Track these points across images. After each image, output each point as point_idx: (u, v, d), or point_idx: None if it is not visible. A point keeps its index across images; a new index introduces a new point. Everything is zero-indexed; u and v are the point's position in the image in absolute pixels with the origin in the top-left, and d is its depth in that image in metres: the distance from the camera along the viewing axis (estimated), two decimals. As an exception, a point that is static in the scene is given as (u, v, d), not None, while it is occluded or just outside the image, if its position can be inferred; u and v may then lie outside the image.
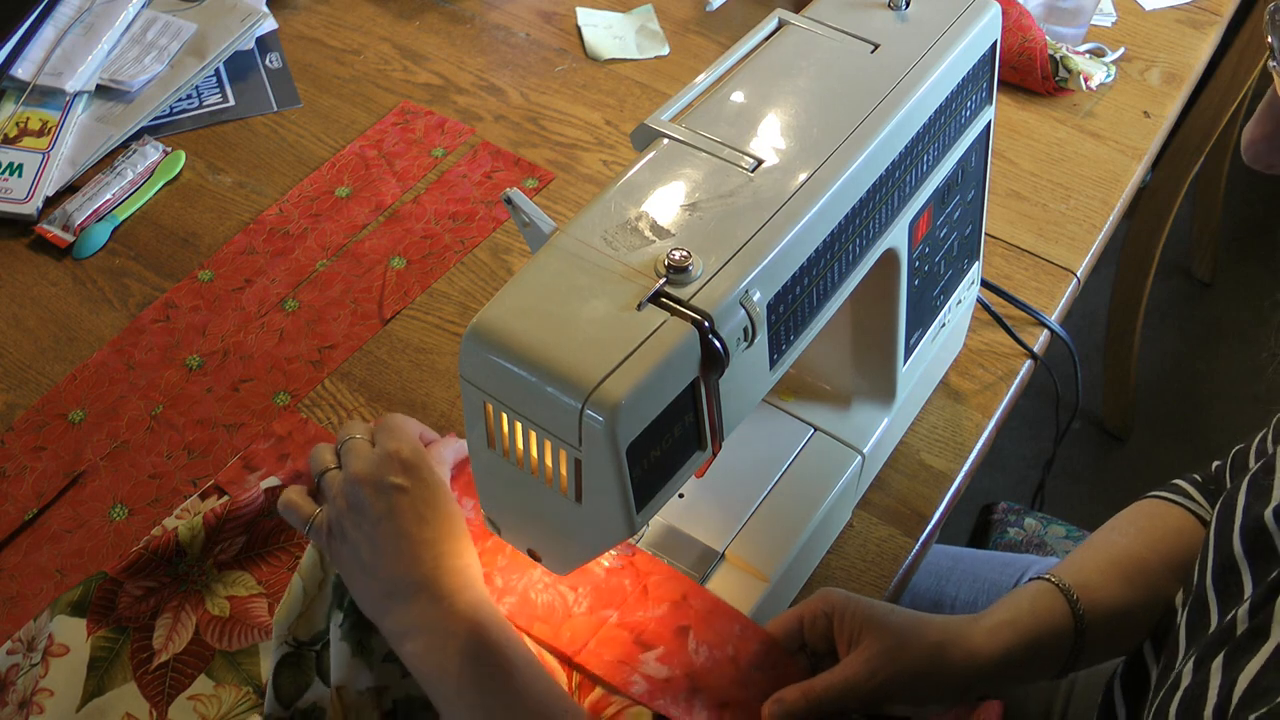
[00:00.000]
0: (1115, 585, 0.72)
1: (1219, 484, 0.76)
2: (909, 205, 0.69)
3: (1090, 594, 0.71)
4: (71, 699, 0.73)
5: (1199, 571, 0.63)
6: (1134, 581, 0.72)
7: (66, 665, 0.74)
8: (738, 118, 0.62)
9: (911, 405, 0.87)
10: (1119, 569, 0.73)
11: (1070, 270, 0.99)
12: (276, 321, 0.96)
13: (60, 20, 1.17)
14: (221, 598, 0.78)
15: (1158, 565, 0.73)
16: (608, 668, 0.68)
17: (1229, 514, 0.63)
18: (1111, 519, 0.79)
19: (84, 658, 0.75)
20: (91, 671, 0.74)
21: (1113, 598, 0.71)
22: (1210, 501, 0.76)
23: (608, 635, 0.69)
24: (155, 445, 0.88)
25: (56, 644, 0.75)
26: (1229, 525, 0.62)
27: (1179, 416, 1.96)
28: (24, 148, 1.09)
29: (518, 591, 0.71)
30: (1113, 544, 0.76)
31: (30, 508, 0.85)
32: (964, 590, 1.01)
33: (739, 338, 0.55)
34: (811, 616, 0.69)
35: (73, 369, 0.93)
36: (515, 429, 0.55)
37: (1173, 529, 0.75)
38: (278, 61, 1.20)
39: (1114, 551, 0.75)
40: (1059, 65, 1.11)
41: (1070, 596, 0.70)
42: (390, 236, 1.03)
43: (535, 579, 0.71)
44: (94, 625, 0.76)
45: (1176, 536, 0.74)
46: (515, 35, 1.23)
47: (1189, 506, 0.76)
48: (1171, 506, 0.77)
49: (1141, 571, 0.73)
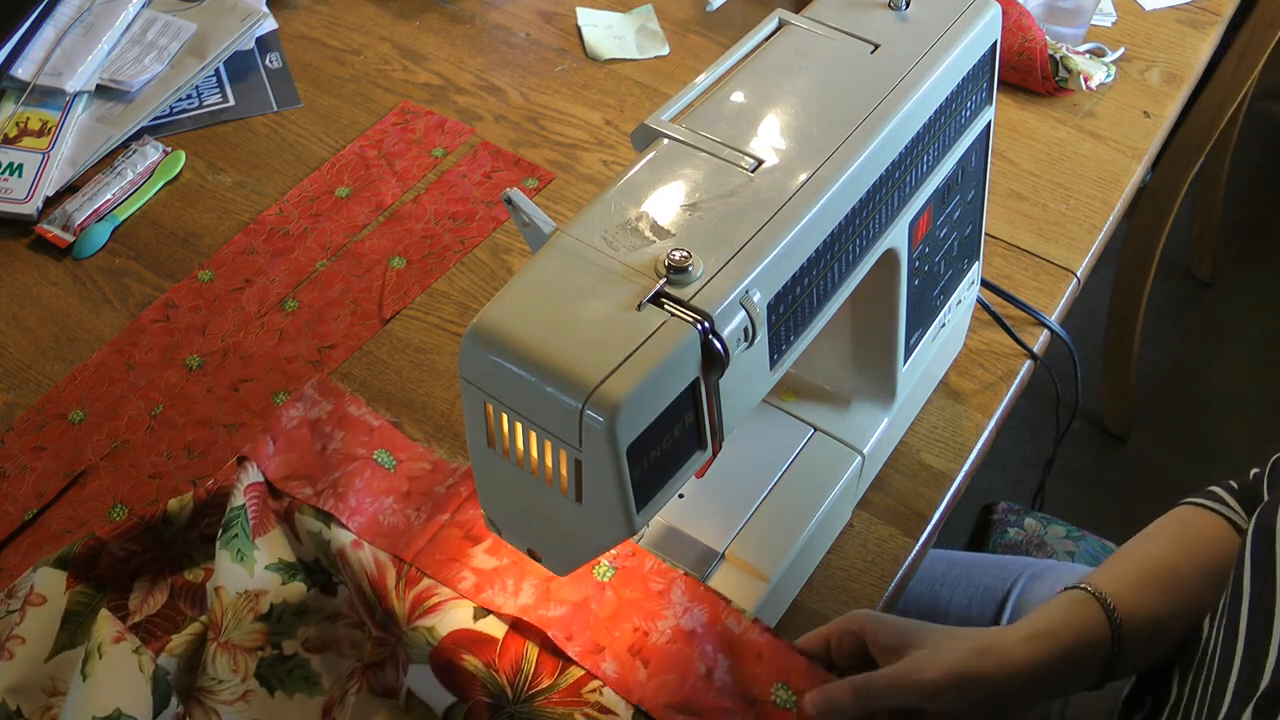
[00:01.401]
0: (1151, 594, 0.71)
1: (1256, 491, 0.75)
2: (909, 205, 0.69)
3: (1126, 602, 0.70)
4: (42, 648, 0.74)
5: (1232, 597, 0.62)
6: (1170, 590, 0.71)
7: (42, 615, 0.75)
8: (738, 118, 0.62)
9: (911, 405, 0.87)
10: (1154, 577, 0.72)
11: (1070, 270, 0.99)
12: (276, 321, 0.96)
13: (60, 20, 1.17)
14: (199, 567, 0.79)
15: (1192, 574, 0.72)
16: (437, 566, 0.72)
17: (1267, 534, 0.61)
18: (1146, 527, 0.77)
19: (59, 609, 0.76)
20: (65, 624, 0.75)
21: (1148, 606, 0.70)
22: (1247, 509, 0.75)
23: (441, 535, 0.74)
24: (155, 445, 0.88)
25: (35, 594, 0.76)
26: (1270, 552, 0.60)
27: (1179, 416, 1.96)
28: (24, 148, 1.09)
29: (367, 513, 0.76)
30: (1147, 553, 0.74)
31: (30, 508, 0.84)
32: (958, 595, 1.01)
33: (739, 338, 0.55)
34: (839, 636, 0.69)
35: (73, 369, 0.93)
36: (515, 429, 0.55)
37: (1209, 537, 0.74)
38: (278, 61, 1.20)
39: (1148, 560, 0.73)
40: (1059, 65, 1.11)
41: (1106, 605, 0.69)
42: (390, 236, 1.03)
43: (387, 506, 0.77)
44: (74, 579, 0.77)
45: (1213, 544, 0.73)
46: (515, 35, 1.23)
47: (1225, 514, 0.75)
48: (1207, 513, 0.75)
49: (1177, 580, 0.72)
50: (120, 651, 0.70)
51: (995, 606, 0.99)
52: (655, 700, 0.68)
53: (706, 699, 0.68)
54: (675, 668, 0.69)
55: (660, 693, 0.68)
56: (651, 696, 0.68)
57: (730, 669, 0.69)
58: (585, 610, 0.72)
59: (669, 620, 0.71)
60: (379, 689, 0.71)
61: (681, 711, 0.68)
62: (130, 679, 0.69)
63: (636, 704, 0.68)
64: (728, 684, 0.69)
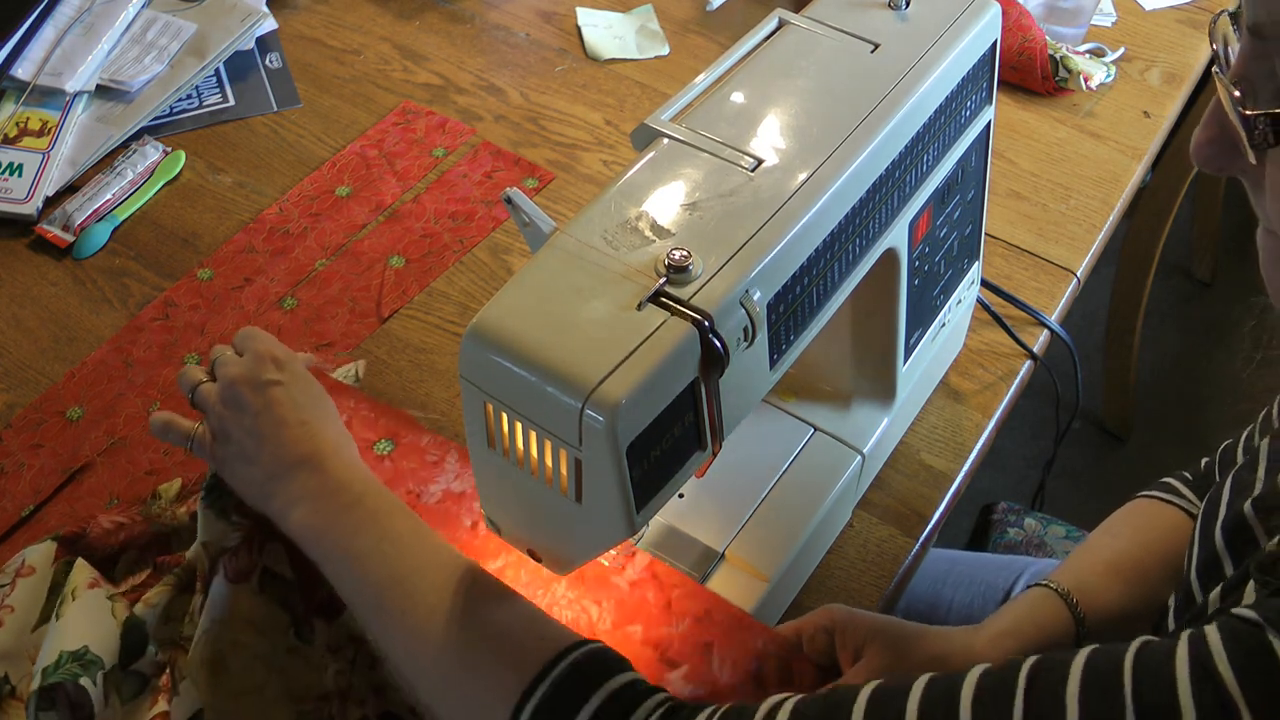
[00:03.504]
0: (1113, 587, 0.72)
1: (1209, 480, 0.77)
2: (909, 205, 0.69)
3: (1089, 597, 0.71)
4: (30, 617, 0.75)
5: (1186, 566, 0.64)
6: (1131, 582, 0.73)
7: (30, 585, 0.76)
8: (738, 118, 0.62)
9: (911, 405, 0.87)
10: (1116, 571, 0.73)
11: (1070, 270, 0.99)
12: (274, 319, 0.96)
13: (60, 20, 1.17)
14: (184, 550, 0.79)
15: (1154, 565, 0.73)
16: None
17: (1213, 509, 0.63)
18: (1105, 521, 0.79)
19: (46, 580, 0.76)
20: (51, 594, 0.76)
21: (1111, 600, 0.72)
22: (1201, 498, 0.76)
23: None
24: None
25: (26, 565, 0.77)
26: (1212, 520, 0.62)
27: (1179, 416, 1.96)
28: (24, 148, 1.09)
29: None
30: (1108, 546, 0.76)
31: (27, 504, 0.85)
32: (960, 593, 1.01)
33: (739, 337, 0.55)
34: (811, 631, 0.69)
35: (72, 368, 0.93)
36: (515, 429, 0.55)
37: (1167, 528, 0.75)
38: (278, 61, 1.20)
39: (1110, 554, 0.75)
40: (1059, 65, 1.11)
41: (1069, 601, 0.71)
42: (390, 236, 1.03)
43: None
44: (62, 551, 0.77)
45: (1171, 535, 0.75)
46: (515, 35, 1.23)
47: (1180, 505, 0.76)
48: (1164, 506, 0.77)
49: (1138, 572, 0.73)
50: (93, 596, 0.72)
51: (997, 604, 0.99)
52: None
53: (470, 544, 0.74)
54: (445, 522, 0.76)
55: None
56: None
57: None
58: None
59: (440, 485, 0.77)
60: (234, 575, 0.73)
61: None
62: (101, 622, 0.71)
63: None
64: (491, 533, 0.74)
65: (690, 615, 0.71)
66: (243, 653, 0.70)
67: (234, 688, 0.70)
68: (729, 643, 0.69)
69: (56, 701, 0.68)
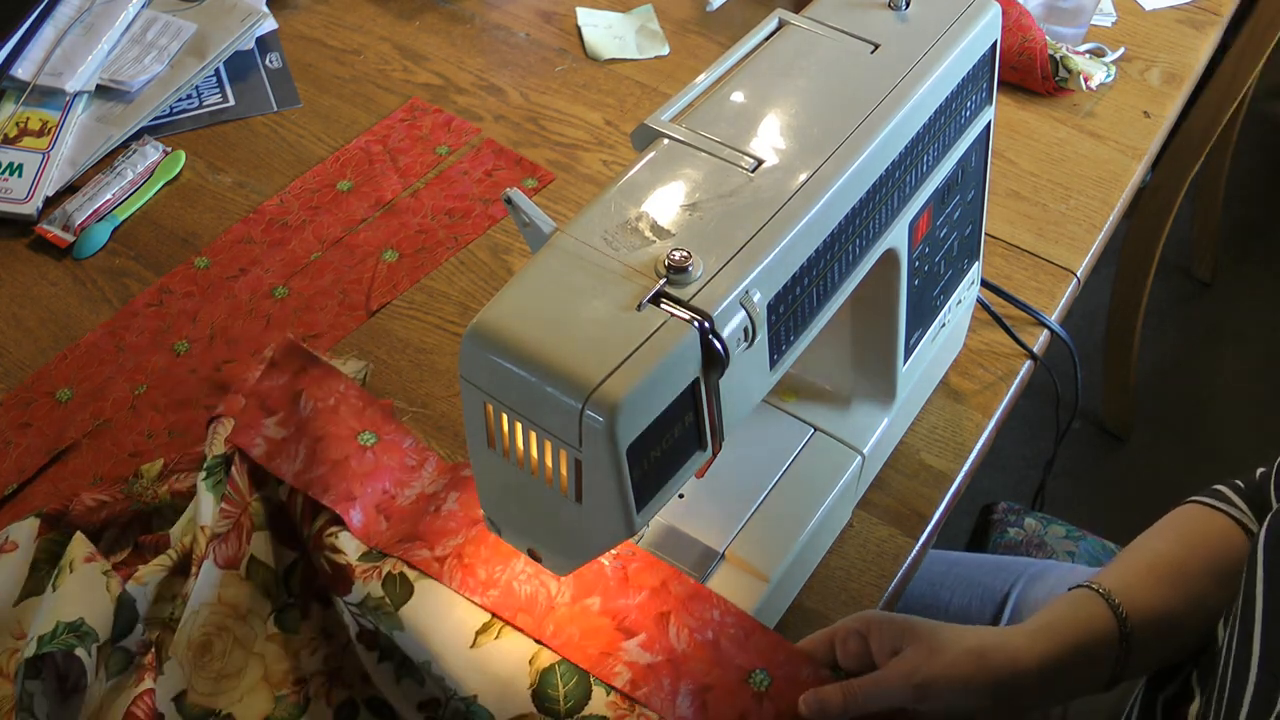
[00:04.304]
0: (1156, 589, 0.71)
1: (1263, 493, 0.75)
2: (909, 205, 0.69)
3: (1132, 599, 0.70)
4: (11, 593, 0.76)
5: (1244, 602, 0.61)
6: (1175, 585, 0.71)
7: (11, 561, 0.77)
8: (738, 118, 0.62)
9: (911, 405, 0.87)
10: (1159, 573, 0.72)
11: (1070, 270, 0.99)
12: (265, 308, 0.96)
13: (60, 20, 1.17)
14: (165, 531, 0.80)
15: (1199, 570, 0.72)
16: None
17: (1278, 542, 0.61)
18: (1152, 526, 0.77)
19: (28, 556, 0.77)
20: (33, 571, 0.77)
21: (1155, 602, 0.70)
22: (1252, 507, 0.74)
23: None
24: (137, 424, 0.89)
25: (9, 541, 0.77)
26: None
27: (1179, 416, 1.96)
28: (24, 148, 1.09)
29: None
30: (1152, 549, 0.74)
31: (11, 483, 0.85)
32: (958, 595, 1.01)
33: (739, 338, 0.55)
34: (844, 635, 0.69)
35: (64, 348, 0.94)
36: (515, 429, 0.55)
37: (1214, 534, 0.73)
38: (278, 61, 1.20)
39: (1154, 557, 0.73)
40: (1059, 65, 1.11)
41: (1111, 601, 0.69)
42: (385, 230, 1.03)
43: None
44: (45, 528, 0.78)
45: (1218, 541, 0.73)
46: (515, 35, 1.23)
47: (1231, 513, 0.74)
48: (1213, 513, 0.75)
49: (1183, 576, 0.72)
50: (90, 570, 0.73)
51: (995, 607, 0.99)
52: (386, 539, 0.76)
53: (432, 525, 0.75)
54: (410, 518, 0.77)
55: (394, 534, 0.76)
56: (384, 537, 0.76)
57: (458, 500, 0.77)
58: (345, 467, 0.78)
59: (415, 489, 0.79)
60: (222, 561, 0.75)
61: (405, 540, 0.75)
62: (97, 596, 0.72)
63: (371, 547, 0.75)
64: (454, 512, 0.76)
65: (647, 587, 0.73)
66: (225, 637, 0.73)
67: (216, 670, 0.72)
68: (685, 612, 0.72)
69: (43, 671, 0.70)
